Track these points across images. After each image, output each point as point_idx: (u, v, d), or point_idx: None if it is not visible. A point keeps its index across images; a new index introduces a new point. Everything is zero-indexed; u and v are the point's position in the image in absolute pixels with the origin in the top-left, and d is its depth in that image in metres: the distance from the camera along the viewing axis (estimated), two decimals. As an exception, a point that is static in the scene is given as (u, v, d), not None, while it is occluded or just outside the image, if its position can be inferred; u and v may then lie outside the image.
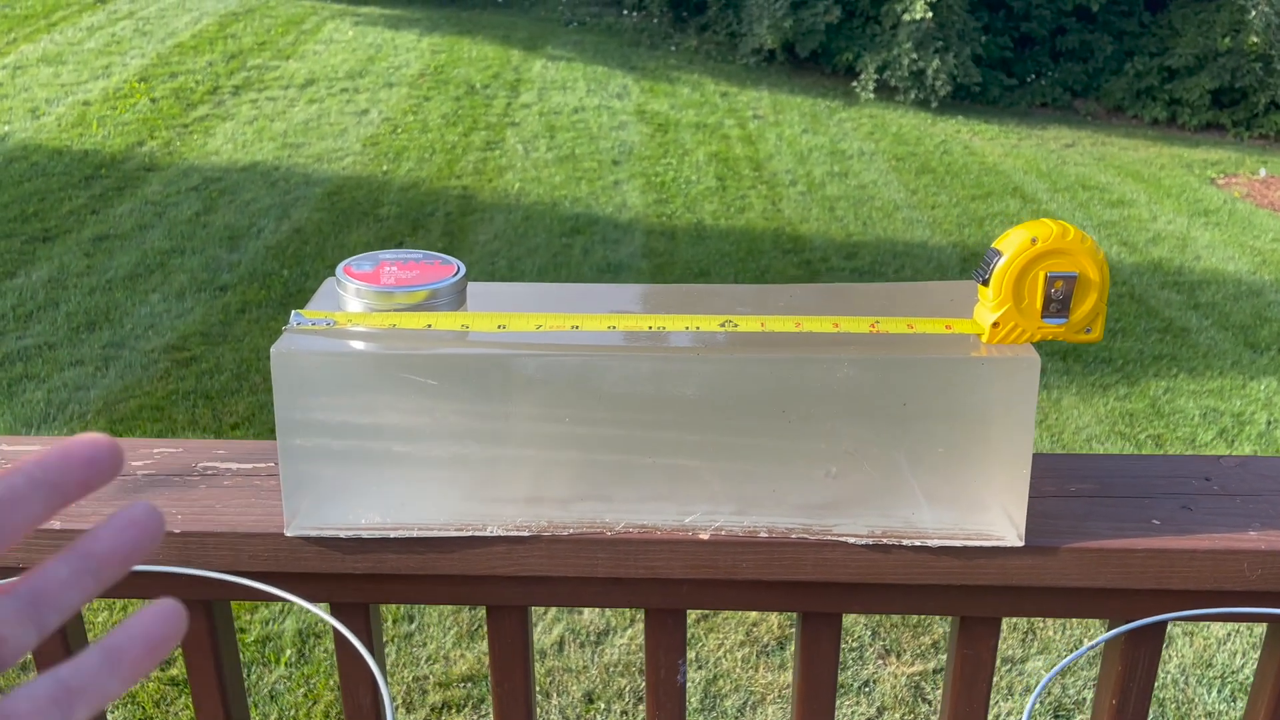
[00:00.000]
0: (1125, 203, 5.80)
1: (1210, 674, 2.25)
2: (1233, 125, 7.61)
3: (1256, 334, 4.12)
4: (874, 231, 5.08)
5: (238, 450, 0.76)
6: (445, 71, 7.30)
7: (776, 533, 0.67)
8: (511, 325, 0.66)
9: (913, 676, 2.22)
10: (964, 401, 0.64)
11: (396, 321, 0.66)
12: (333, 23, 8.21)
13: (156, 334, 3.66)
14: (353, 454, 0.66)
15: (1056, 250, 0.62)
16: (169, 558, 0.67)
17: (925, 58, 7.41)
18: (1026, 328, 0.64)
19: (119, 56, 7.02)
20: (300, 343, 0.65)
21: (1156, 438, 3.30)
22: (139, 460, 0.74)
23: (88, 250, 4.37)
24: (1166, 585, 0.66)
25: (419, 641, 2.25)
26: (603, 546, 0.67)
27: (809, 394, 0.64)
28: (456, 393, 0.64)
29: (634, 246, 4.72)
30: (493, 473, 0.67)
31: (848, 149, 6.43)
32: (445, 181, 5.43)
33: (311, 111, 6.33)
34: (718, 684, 2.18)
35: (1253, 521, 0.68)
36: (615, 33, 8.82)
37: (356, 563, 0.68)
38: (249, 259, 4.34)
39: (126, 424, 3.06)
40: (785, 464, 0.66)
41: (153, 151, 5.58)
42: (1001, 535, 0.66)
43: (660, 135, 6.39)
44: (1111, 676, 0.73)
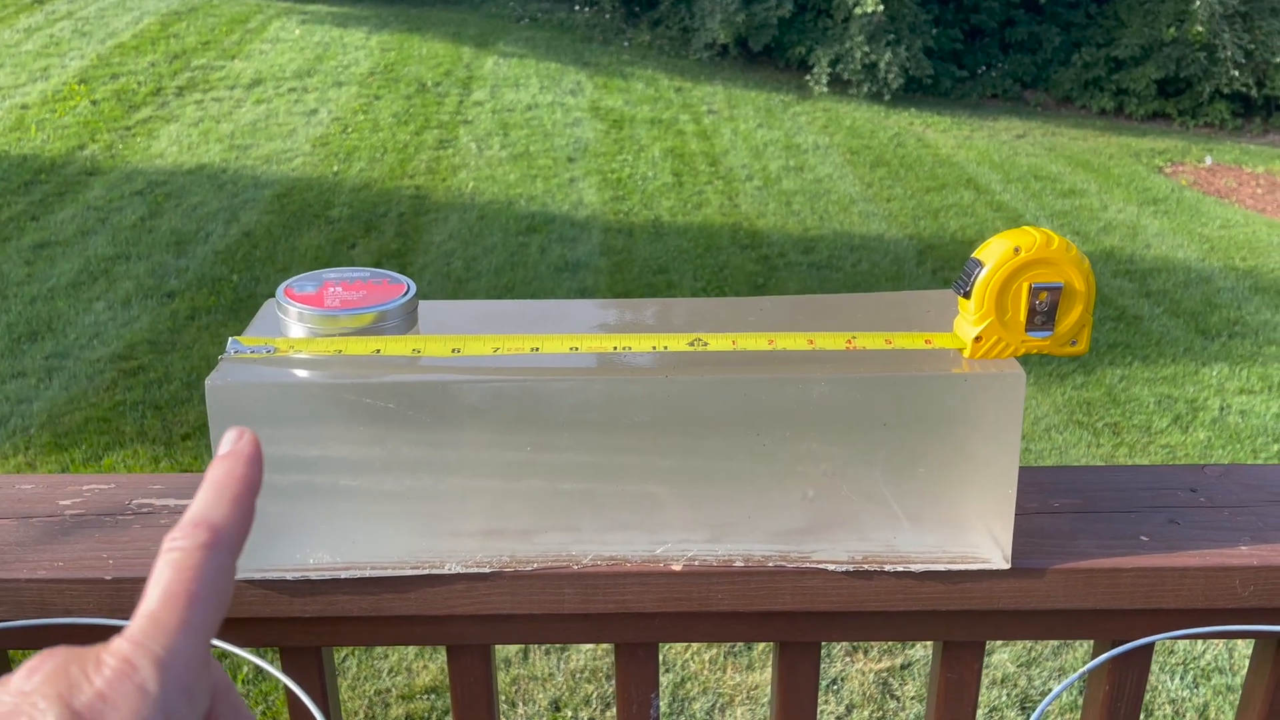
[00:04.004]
0: (1076, 192, 5.86)
1: (1172, 660, 2.27)
2: (1178, 114, 7.73)
3: (1207, 320, 4.18)
4: (831, 225, 5.08)
5: (175, 485, 0.71)
6: (395, 70, 7.20)
7: (752, 561, 0.64)
8: (466, 349, 0.62)
9: (880, 673, 2.21)
10: (946, 419, 0.61)
11: (343, 347, 0.62)
12: (278, 21, 8.06)
13: (102, 343, 3.55)
14: (299, 489, 0.61)
15: (1040, 260, 0.59)
16: (100, 607, 0.62)
17: (877, 51, 7.43)
18: (1010, 341, 0.61)
19: (58, 58, 6.84)
20: (238, 373, 0.60)
21: (1113, 426, 3.32)
22: (66, 499, 0.69)
23: (28, 258, 4.24)
24: (1157, 605, 0.64)
25: (380, 654, 2.19)
26: (569, 580, 0.64)
27: (784, 415, 0.61)
28: (409, 421, 0.60)
29: (591, 244, 4.68)
30: (450, 505, 0.63)
31: (803, 143, 6.43)
32: (398, 181, 5.34)
33: (259, 112, 6.21)
34: (686, 687, 2.15)
35: (1242, 535, 0.66)
36: (567, 29, 8.75)
37: (306, 605, 0.63)
38: (197, 264, 4.24)
39: (72, 437, 2.96)
40: (760, 489, 0.63)
41: (94, 155, 5.43)
42: (987, 558, 0.63)
43: (615, 132, 6.35)
44: (1099, 698, 0.70)
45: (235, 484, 0.33)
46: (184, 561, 0.31)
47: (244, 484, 0.33)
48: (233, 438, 0.35)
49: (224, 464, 0.34)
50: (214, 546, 0.31)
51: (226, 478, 0.33)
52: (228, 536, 0.32)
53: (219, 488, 0.33)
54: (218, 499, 0.33)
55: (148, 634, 0.29)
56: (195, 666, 0.30)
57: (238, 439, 0.35)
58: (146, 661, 0.29)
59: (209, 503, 0.33)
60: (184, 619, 0.30)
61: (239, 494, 0.33)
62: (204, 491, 0.33)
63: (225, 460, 0.34)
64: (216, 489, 0.33)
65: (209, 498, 0.33)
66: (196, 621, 0.30)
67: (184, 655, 0.30)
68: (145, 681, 0.28)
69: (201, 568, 0.31)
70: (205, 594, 0.31)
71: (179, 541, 0.31)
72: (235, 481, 0.33)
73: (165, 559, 0.31)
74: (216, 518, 0.32)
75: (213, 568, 0.31)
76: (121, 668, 0.29)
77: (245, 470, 0.34)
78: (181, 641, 0.30)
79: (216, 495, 0.33)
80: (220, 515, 0.32)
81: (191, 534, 0.31)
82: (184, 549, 0.31)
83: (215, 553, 0.31)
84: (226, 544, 0.32)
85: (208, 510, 0.32)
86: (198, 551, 0.31)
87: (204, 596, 0.31)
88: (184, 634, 0.30)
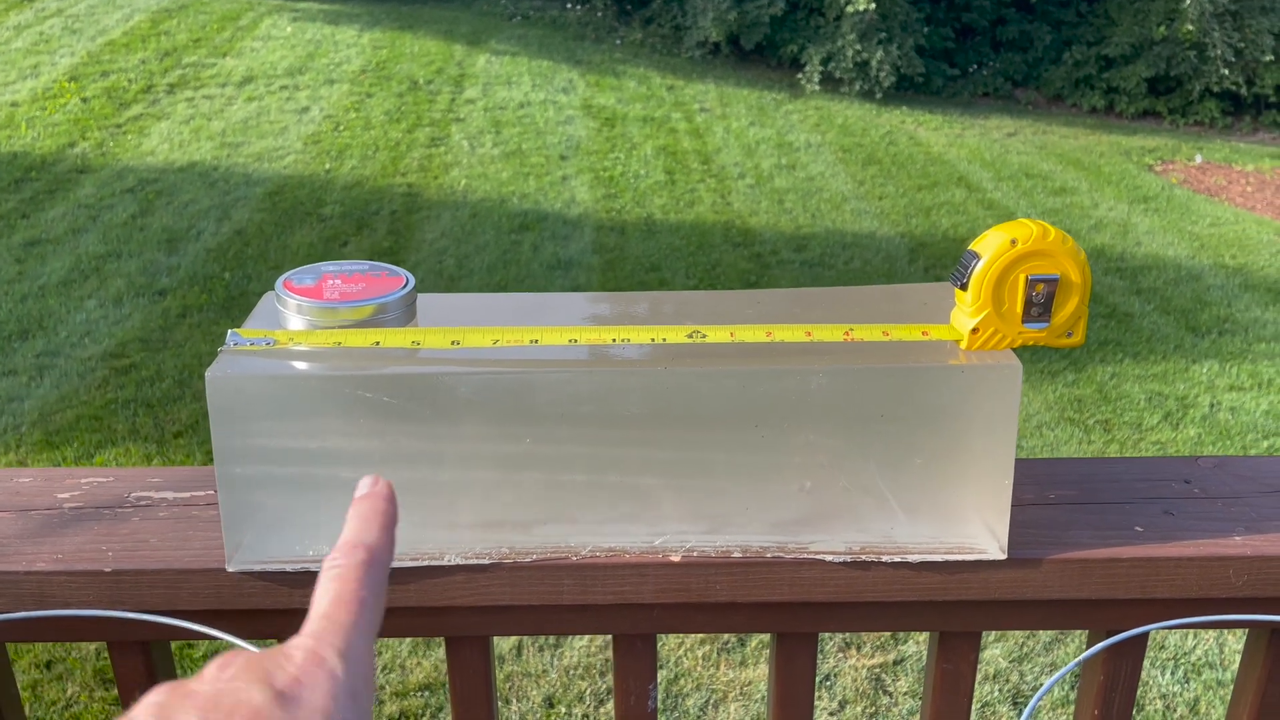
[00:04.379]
0: (1067, 190, 5.87)
1: (1163, 656, 2.28)
2: (1168, 113, 7.75)
3: (1197, 318, 4.19)
4: (823, 223, 5.08)
5: (173, 478, 0.71)
6: (387, 67, 7.18)
7: (750, 552, 0.64)
8: (466, 340, 0.62)
9: (873, 669, 2.21)
10: (943, 411, 0.61)
11: (342, 339, 0.62)
12: (270, 18, 8.04)
13: (93, 341, 3.54)
14: (298, 482, 0.61)
15: (1037, 252, 0.59)
16: (99, 599, 0.62)
17: (869, 49, 7.44)
18: (1007, 333, 0.61)
19: (48, 55, 6.81)
20: (238, 365, 0.60)
21: (1104, 423, 3.34)
22: (65, 492, 0.69)
23: (19, 256, 4.22)
24: (1151, 594, 0.64)
25: (374, 650, 2.19)
26: (568, 572, 0.64)
27: (782, 407, 0.61)
28: (408, 413, 0.60)
29: (584, 242, 4.68)
30: (449, 497, 0.63)
31: (795, 141, 6.43)
32: (390, 179, 5.33)
33: (250, 109, 6.19)
34: (679, 683, 2.15)
35: (1236, 526, 0.66)
36: (559, 27, 8.74)
37: (306, 597, 0.63)
38: (189, 262, 4.23)
39: (64, 435, 2.95)
40: (758, 480, 0.63)
41: (85, 153, 5.41)
42: (983, 548, 0.64)
43: (607, 129, 6.35)
44: (1094, 687, 0.71)
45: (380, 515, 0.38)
46: (347, 574, 0.35)
47: (387, 516, 0.38)
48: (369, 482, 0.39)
49: (367, 502, 0.38)
50: (371, 564, 0.36)
51: (372, 511, 0.38)
52: (380, 555, 0.36)
53: (367, 518, 0.37)
54: (367, 526, 0.37)
55: (327, 631, 0.33)
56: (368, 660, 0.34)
57: (374, 483, 0.39)
58: (331, 652, 0.32)
59: (360, 529, 0.37)
60: (355, 619, 0.34)
61: (385, 524, 0.37)
62: (354, 522, 0.37)
63: (367, 499, 0.38)
64: (365, 519, 0.37)
65: (359, 525, 0.37)
66: (364, 622, 0.34)
67: (359, 649, 0.33)
68: (334, 668, 0.32)
69: (363, 579, 0.35)
70: (370, 599, 0.35)
71: (339, 560, 0.36)
72: (380, 514, 0.38)
73: (329, 574, 0.35)
74: (369, 540, 0.36)
75: (372, 579, 0.35)
76: (311, 657, 0.32)
77: (386, 506, 0.38)
78: (356, 637, 0.33)
79: (365, 523, 0.37)
80: (372, 538, 0.37)
81: (350, 553, 0.36)
82: (345, 565, 0.35)
83: (372, 568, 0.36)
84: (380, 561, 0.36)
85: (360, 535, 0.37)
86: (358, 567, 0.35)
87: (369, 601, 0.35)
88: (357, 631, 0.34)
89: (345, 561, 0.35)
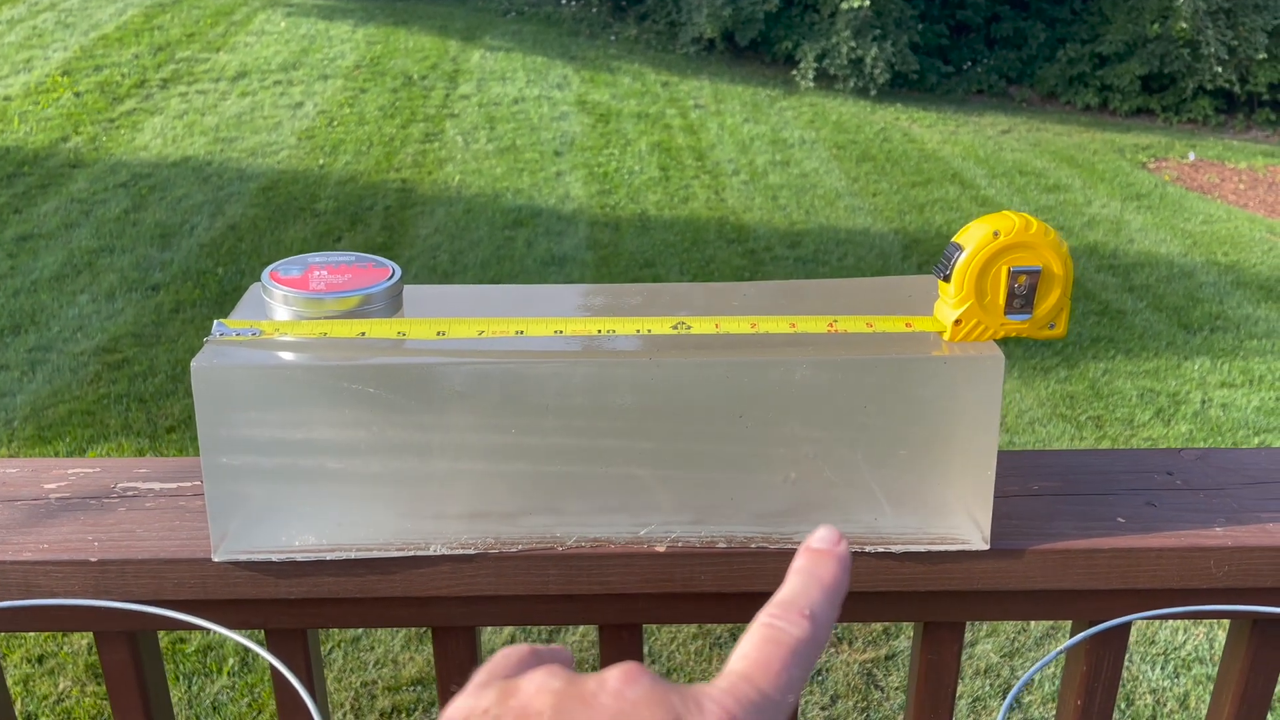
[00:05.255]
0: (1061, 188, 5.88)
1: (1153, 650, 2.29)
2: (1162, 110, 7.77)
3: (1189, 315, 4.21)
4: (817, 220, 5.09)
5: (161, 469, 0.71)
6: (381, 63, 7.17)
7: (735, 543, 0.64)
8: (451, 331, 0.63)
9: (865, 664, 2.22)
10: (927, 402, 0.61)
11: (328, 330, 0.62)
12: (264, 13, 8.02)
13: (86, 336, 3.54)
14: (284, 472, 0.62)
15: (1019, 244, 0.59)
16: (85, 588, 0.62)
17: (863, 46, 7.45)
18: (989, 324, 0.61)
19: (40, 50, 6.79)
20: (224, 355, 0.61)
21: (1096, 419, 3.35)
22: (52, 483, 0.69)
23: (11, 251, 4.21)
24: (1133, 585, 0.65)
25: (366, 646, 2.19)
26: (554, 562, 0.64)
27: (766, 397, 0.62)
28: (394, 404, 0.61)
29: (578, 238, 4.68)
30: (435, 488, 0.63)
31: (789, 138, 6.44)
32: (384, 175, 5.33)
33: (244, 105, 6.18)
34: (672, 677, 2.16)
35: (1217, 517, 0.67)
36: (554, 22, 8.73)
37: (291, 588, 0.64)
38: (181, 257, 4.22)
39: (56, 430, 2.95)
40: (743, 471, 0.63)
41: (78, 147, 5.40)
42: (966, 539, 0.64)
43: (602, 125, 6.34)
44: (1076, 677, 0.71)
45: (832, 583, 0.34)
46: (784, 641, 0.32)
47: (840, 589, 0.35)
48: (831, 539, 0.36)
49: (822, 560, 0.35)
50: (811, 640, 0.33)
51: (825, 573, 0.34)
52: (822, 631, 0.33)
53: (817, 580, 0.34)
54: (815, 590, 0.34)
55: (744, 693, 0.31)
56: None
57: (836, 542, 0.36)
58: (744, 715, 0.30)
59: (808, 590, 0.34)
60: (775, 694, 0.31)
61: (835, 595, 0.34)
62: (801, 579, 0.34)
63: (824, 558, 0.35)
64: (815, 580, 0.34)
65: (807, 585, 0.34)
66: (783, 702, 0.32)
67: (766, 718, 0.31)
68: None
69: (798, 654, 0.32)
70: (798, 679, 0.32)
71: (780, 622, 0.33)
72: (833, 582, 0.34)
73: (765, 633, 0.33)
74: (817, 610, 0.33)
75: (806, 656, 0.32)
76: (722, 715, 0.30)
77: (841, 574, 0.35)
78: (768, 712, 0.31)
79: (814, 585, 0.34)
80: (819, 608, 0.34)
81: (795, 620, 0.33)
82: (785, 630, 0.33)
83: (810, 645, 0.33)
84: (820, 638, 0.33)
85: (809, 599, 0.34)
86: (799, 639, 0.32)
87: (796, 681, 0.32)
88: (772, 707, 0.31)
89: (785, 626, 0.33)
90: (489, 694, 0.31)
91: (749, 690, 0.31)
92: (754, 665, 0.32)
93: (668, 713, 0.29)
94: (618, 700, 0.30)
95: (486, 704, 0.31)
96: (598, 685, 0.30)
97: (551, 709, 0.30)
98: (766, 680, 0.31)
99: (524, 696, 0.31)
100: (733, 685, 0.31)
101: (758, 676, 0.31)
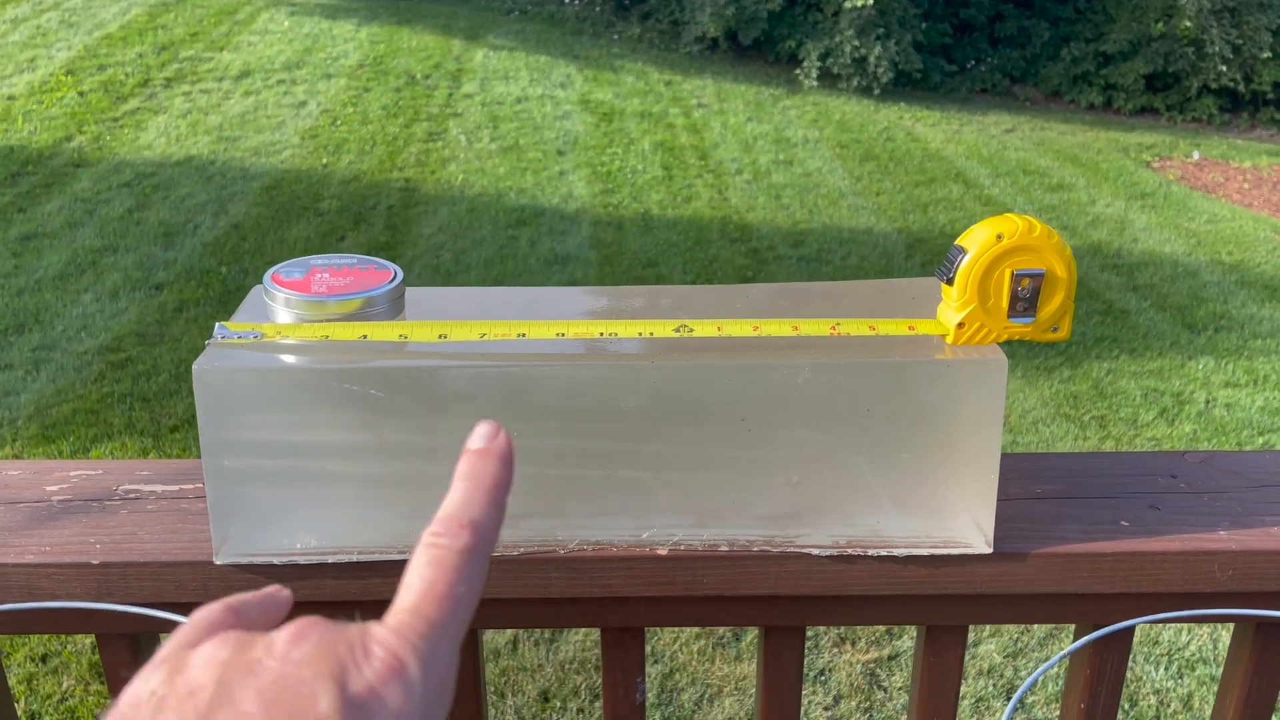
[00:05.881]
0: (1065, 187, 5.88)
1: (1157, 651, 2.28)
2: (1166, 109, 7.75)
3: (1193, 314, 4.20)
4: (820, 219, 5.08)
5: (163, 470, 0.71)
6: (385, 62, 7.17)
7: (738, 546, 0.64)
8: (453, 334, 0.62)
9: (868, 664, 2.22)
10: (929, 405, 0.61)
11: (329, 333, 0.62)
12: (267, 12, 8.02)
13: (90, 335, 3.54)
14: (285, 474, 0.62)
15: (1023, 247, 0.59)
16: (86, 591, 0.62)
17: (867, 45, 7.44)
18: (992, 328, 0.61)
19: (44, 49, 6.79)
20: (225, 358, 0.61)
21: (1100, 419, 3.34)
22: (54, 484, 0.69)
23: (15, 250, 4.22)
24: (1136, 588, 0.65)
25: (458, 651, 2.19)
26: (555, 565, 0.64)
27: (769, 400, 0.61)
28: (396, 406, 0.60)
29: (581, 238, 4.68)
30: (436, 490, 0.62)
31: (792, 137, 6.43)
32: (387, 174, 5.33)
33: (247, 104, 6.18)
34: (674, 678, 2.16)
35: (1221, 520, 0.66)
36: (557, 21, 8.73)
37: (293, 590, 0.63)
38: (185, 256, 4.23)
39: (60, 429, 2.95)
40: (745, 474, 0.63)
41: (82, 146, 5.40)
42: (969, 542, 0.64)
43: (605, 125, 6.34)
44: (1080, 680, 0.71)
45: (494, 484, 0.34)
46: (446, 560, 0.31)
47: (502, 485, 0.34)
48: (488, 434, 0.35)
49: (483, 461, 0.34)
50: (474, 550, 0.32)
51: (485, 474, 0.34)
52: (487, 538, 0.33)
53: (479, 485, 0.33)
54: (476, 496, 0.33)
55: (413, 629, 0.30)
56: (451, 664, 0.31)
57: (493, 435, 0.35)
58: (413, 658, 0.29)
59: (468, 500, 0.33)
60: (446, 619, 0.31)
61: (497, 496, 0.33)
62: (463, 487, 0.33)
63: (484, 458, 0.34)
64: (476, 485, 0.33)
65: (469, 494, 0.33)
66: (455, 622, 0.31)
67: (443, 653, 0.30)
68: (412, 679, 0.29)
69: (463, 569, 0.31)
70: (466, 595, 0.31)
71: (442, 539, 0.32)
72: (494, 482, 0.34)
73: (428, 554, 0.32)
74: (479, 517, 0.33)
75: (472, 570, 0.32)
76: (390, 661, 0.29)
77: (501, 471, 0.34)
78: (442, 639, 0.30)
79: (476, 492, 0.33)
80: (482, 515, 0.33)
81: (455, 533, 0.32)
82: (447, 547, 0.32)
83: (475, 555, 0.32)
84: (485, 547, 0.32)
85: (469, 508, 0.33)
86: (460, 554, 0.32)
87: (464, 598, 0.31)
88: (444, 631, 0.30)
89: (448, 542, 0.32)
90: (159, 674, 0.29)
91: (417, 624, 0.30)
92: (420, 595, 0.31)
93: (333, 669, 0.28)
94: (282, 663, 0.28)
95: (154, 685, 0.29)
96: (264, 649, 0.29)
97: (215, 682, 0.28)
98: (433, 607, 0.31)
99: (190, 672, 0.29)
100: (400, 624, 0.30)
101: (425, 606, 0.30)
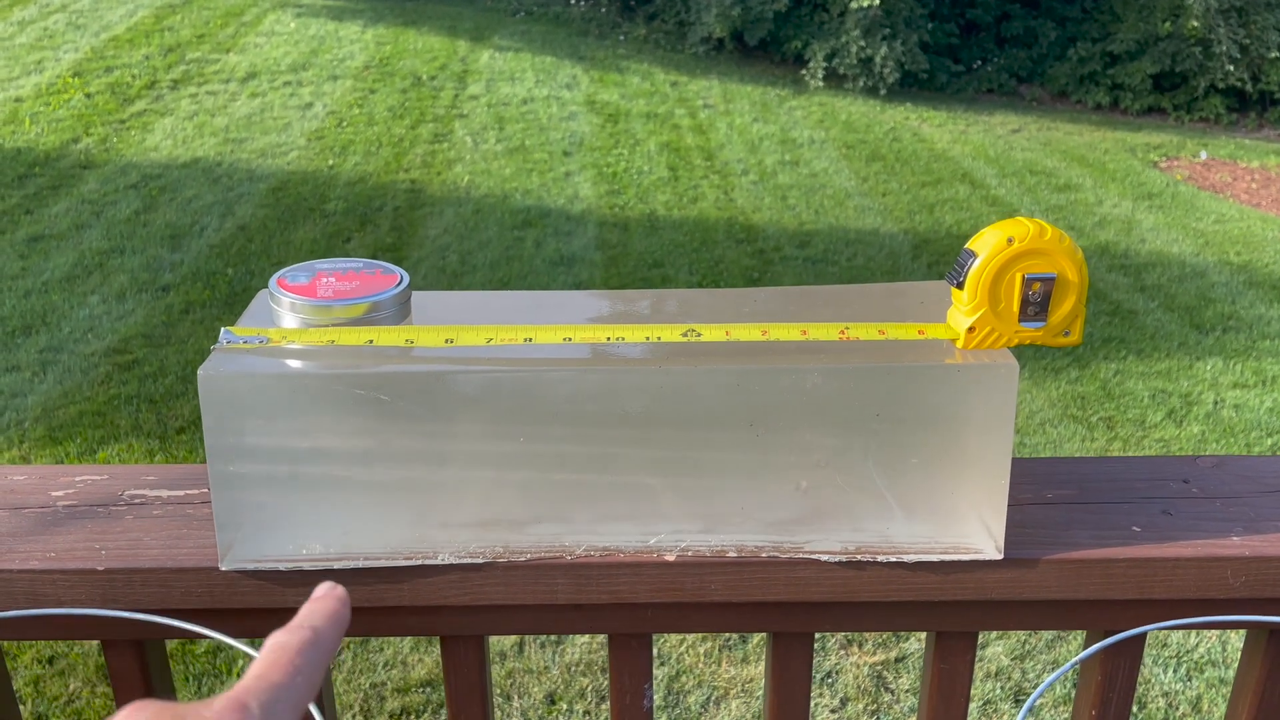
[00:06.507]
0: (1072, 187, 5.86)
1: (1166, 654, 2.27)
2: (1173, 109, 7.73)
3: (1201, 315, 4.18)
4: (826, 220, 5.08)
5: (168, 476, 0.71)
6: (391, 63, 7.18)
7: (746, 551, 0.64)
8: (460, 339, 0.62)
9: (875, 666, 2.21)
10: (939, 410, 0.61)
11: (335, 338, 0.62)
12: (274, 14, 8.04)
13: (96, 337, 3.55)
14: (291, 480, 0.61)
15: (1034, 250, 0.59)
16: (92, 598, 0.62)
17: (873, 45, 7.43)
18: (1003, 332, 0.61)
19: (51, 51, 6.81)
20: (230, 363, 0.60)
21: (1108, 420, 3.33)
22: (59, 490, 0.69)
23: (22, 252, 4.23)
24: (1149, 595, 0.64)
25: (375, 647, 2.19)
26: (562, 571, 0.64)
27: (777, 405, 0.61)
28: (402, 412, 0.60)
29: (587, 239, 4.67)
30: (442, 496, 0.62)
31: (798, 137, 6.42)
32: (393, 175, 5.33)
33: (254, 105, 6.19)
34: (681, 680, 2.15)
35: (1234, 526, 0.66)
36: (563, 22, 8.73)
37: (299, 597, 0.63)
38: (192, 258, 4.23)
39: (66, 431, 2.96)
40: (753, 479, 0.63)
41: (89, 148, 5.42)
42: (979, 548, 0.63)
43: (611, 125, 6.34)
44: (1091, 687, 0.71)
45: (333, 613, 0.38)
46: (288, 644, 0.36)
47: (339, 616, 0.38)
48: (326, 587, 0.40)
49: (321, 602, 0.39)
50: (314, 643, 0.36)
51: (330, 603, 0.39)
52: (325, 640, 0.37)
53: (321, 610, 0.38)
54: (318, 609, 0.38)
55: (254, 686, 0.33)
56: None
57: (330, 589, 0.40)
58: (255, 703, 0.33)
59: (309, 614, 0.38)
60: (286, 681, 0.34)
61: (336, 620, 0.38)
62: (307, 607, 0.38)
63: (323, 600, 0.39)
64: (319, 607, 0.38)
65: (311, 610, 0.38)
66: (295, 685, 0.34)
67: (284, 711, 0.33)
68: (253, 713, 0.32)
69: (303, 651, 0.35)
70: (305, 669, 0.35)
71: (282, 636, 0.36)
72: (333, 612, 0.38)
73: (269, 645, 0.36)
74: (317, 624, 0.37)
75: (311, 655, 0.36)
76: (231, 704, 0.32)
77: (339, 607, 0.39)
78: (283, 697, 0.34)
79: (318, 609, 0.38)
80: (320, 624, 0.37)
81: (295, 631, 0.36)
82: (287, 639, 0.36)
83: (314, 648, 0.36)
84: (324, 645, 0.37)
85: (309, 618, 0.37)
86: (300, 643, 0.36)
87: (304, 671, 0.35)
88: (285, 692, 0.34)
89: (288, 638, 0.36)
90: None
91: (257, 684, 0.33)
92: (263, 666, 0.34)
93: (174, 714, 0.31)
94: None
95: None
96: None
97: None
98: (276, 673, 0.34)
99: None
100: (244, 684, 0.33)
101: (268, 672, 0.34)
